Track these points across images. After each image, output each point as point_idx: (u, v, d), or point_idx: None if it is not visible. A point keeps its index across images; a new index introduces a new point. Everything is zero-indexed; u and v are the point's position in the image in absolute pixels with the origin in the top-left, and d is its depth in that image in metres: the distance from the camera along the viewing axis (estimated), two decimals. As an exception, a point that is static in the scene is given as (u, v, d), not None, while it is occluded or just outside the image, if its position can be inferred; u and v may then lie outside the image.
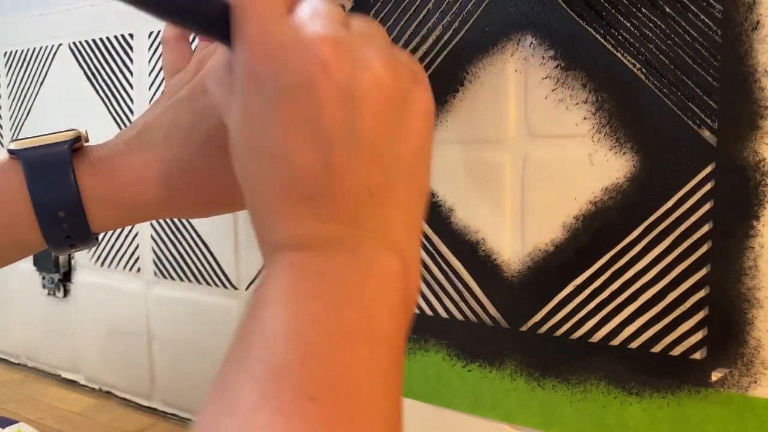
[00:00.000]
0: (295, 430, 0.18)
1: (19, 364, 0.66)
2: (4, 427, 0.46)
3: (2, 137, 0.64)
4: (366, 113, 0.23)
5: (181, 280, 0.51)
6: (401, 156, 0.24)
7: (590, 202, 0.33)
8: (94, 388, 0.59)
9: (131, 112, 0.53)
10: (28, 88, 0.61)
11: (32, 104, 0.61)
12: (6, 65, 0.63)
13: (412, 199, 0.25)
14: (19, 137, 0.32)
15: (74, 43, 0.56)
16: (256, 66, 0.23)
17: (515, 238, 0.36)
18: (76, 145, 0.33)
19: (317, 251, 0.23)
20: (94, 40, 0.55)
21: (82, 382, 0.60)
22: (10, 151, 0.33)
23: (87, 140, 0.35)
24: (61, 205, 0.32)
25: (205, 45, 0.39)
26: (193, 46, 0.42)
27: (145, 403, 0.55)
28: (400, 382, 0.22)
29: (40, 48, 0.59)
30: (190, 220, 0.50)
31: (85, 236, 0.33)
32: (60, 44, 0.57)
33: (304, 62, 0.23)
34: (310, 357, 0.20)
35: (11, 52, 0.62)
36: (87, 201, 0.32)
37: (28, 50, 0.60)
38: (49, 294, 0.61)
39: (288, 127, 0.23)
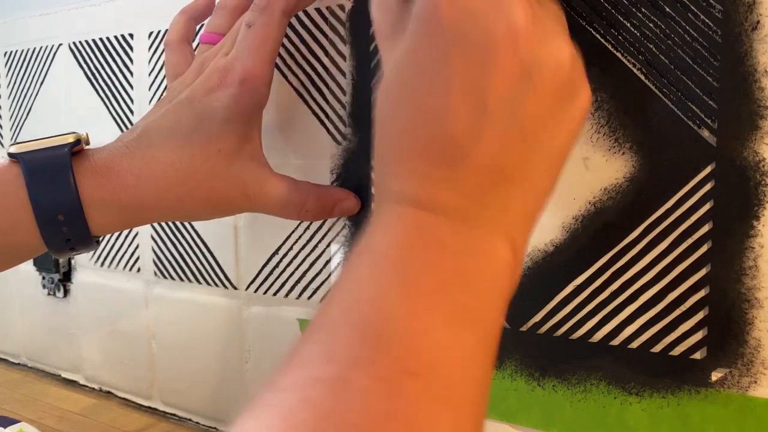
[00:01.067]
0: (391, 401, 0.18)
1: (19, 364, 0.66)
2: (5, 427, 0.46)
3: (2, 137, 0.64)
4: (534, 96, 0.22)
5: (181, 280, 0.51)
6: (547, 148, 0.23)
7: (589, 203, 0.33)
8: (94, 388, 0.59)
9: (131, 112, 0.53)
10: (28, 88, 0.61)
11: (32, 104, 0.61)
12: (6, 65, 0.63)
13: (539, 194, 0.25)
14: (18, 140, 0.32)
15: (74, 43, 0.56)
16: (442, 11, 0.22)
17: (515, 238, 0.36)
18: (76, 148, 0.33)
19: (440, 217, 0.22)
20: (94, 40, 0.55)
21: (82, 382, 0.60)
22: (10, 155, 0.33)
23: (88, 143, 0.34)
24: (61, 208, 0.32)
25: (207, 47, 0.39)
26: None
27: (145, 403, 0.55)
28: (490, 376, 0.22)
29: (40, 48, 0.59)
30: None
31: (85, 239, 0.33)
32: (60, 44, 0.57)
33: (494, 24, 0.22)
34: (419, 334, 0.20)
35: (11, 52, 0.62)
36: (86, 204, 0.32)
37: (28, 50, 0.60)
38: (49, 294, 0.61)
39: (453, 84, 0.22)
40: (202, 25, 0.42)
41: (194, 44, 0.42)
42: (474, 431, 0.20)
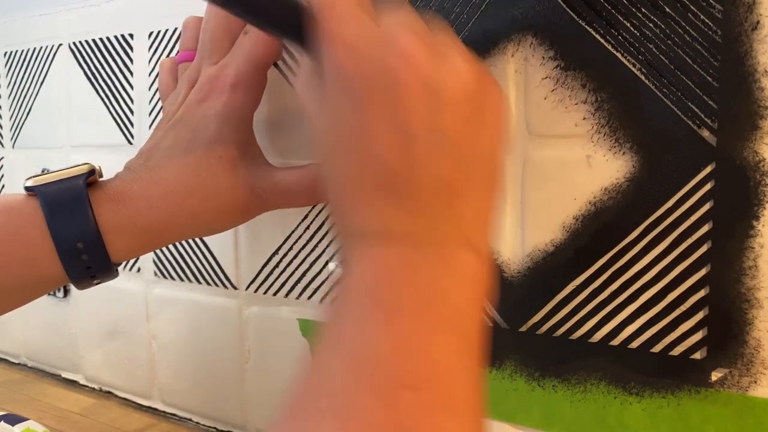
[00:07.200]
0: (393, 415, 0.19)
1: (19, 364, 0.66)
2: (13, 425, 0.46)
3: (2, 137, 0.64)
4: (448, 110, 0.24)
5: (181, 280, 0.51)
6: (478, 153, 0.25)
7: (590, 203, 0.33)
8: (94, 388, 0.59)
9: (131, 112, 0.53)
10: (28, 88, 0.61)
11: (32, 104, 0.61)
12: (6, 65, 0.63)
13: (486, 194, 0.26)
14: (34, 175, 0.34)
15: (74, 43, 0.56)
16: (342, 66, 0.24)
17: (515, 238, 0.36)
18: (90, 178, 0.34)
19: (402, 244, 0.24)
20: (94, 40, 0.55)
21: (82, 382, 0.60)
22: (27, 188, 0.34)
23: (101, 176, 0.36)
24: (80, 237, 0.33)
25: (185, 66, 0.40)
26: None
27: (145, 403, 0.55)
28: (481, 374, 0.23)
29: (40, 48, 0.59)
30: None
31: (105, 266, 0.34)
32: (60, 44, 0.57)
33: (387, 56, 0.23)
34: (405, 348, 0.21)
35: (11, 52, 0.62)
36: (104, 230, 0.33)
37: (28, 50, 0.60)
38: (49, 294, 0.61)
39: (373, 123, 0.24)
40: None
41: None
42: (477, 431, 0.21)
